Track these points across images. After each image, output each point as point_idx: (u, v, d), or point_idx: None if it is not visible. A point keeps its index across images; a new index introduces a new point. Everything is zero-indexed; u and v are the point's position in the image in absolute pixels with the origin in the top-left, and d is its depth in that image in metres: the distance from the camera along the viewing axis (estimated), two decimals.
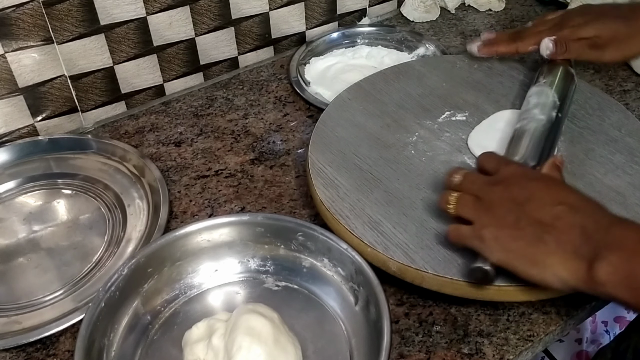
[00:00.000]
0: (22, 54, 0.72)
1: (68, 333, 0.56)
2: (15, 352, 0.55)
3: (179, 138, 0.78)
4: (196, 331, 0.52)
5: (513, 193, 0.47)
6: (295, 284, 0.58)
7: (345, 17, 0.97)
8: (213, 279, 0.59)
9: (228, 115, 0.82)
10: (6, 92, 0.73)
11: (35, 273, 0.63)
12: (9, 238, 0.67)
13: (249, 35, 0.89)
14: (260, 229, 0.58)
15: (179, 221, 0.67)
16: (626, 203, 0.58)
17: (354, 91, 0.74)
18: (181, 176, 0.73)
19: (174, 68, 0.85)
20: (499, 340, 0.54)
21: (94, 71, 0.78)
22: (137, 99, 0.84)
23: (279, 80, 0.88)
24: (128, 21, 0.77)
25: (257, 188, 0.70)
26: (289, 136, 0.78)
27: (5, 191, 0.72)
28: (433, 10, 1.00)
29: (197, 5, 0.81)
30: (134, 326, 0.54)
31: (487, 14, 1.01)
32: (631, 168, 0.62)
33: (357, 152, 0.65)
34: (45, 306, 0.59)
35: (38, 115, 0.77)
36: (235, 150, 0.76)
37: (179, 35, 0.82)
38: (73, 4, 0.72)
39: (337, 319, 0.55)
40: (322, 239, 0.56)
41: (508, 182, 0.48)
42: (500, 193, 0.47)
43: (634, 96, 0.80)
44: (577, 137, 0.66)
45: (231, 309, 0.54)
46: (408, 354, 0.53)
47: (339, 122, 0.69)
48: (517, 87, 0.74)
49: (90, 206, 0.69)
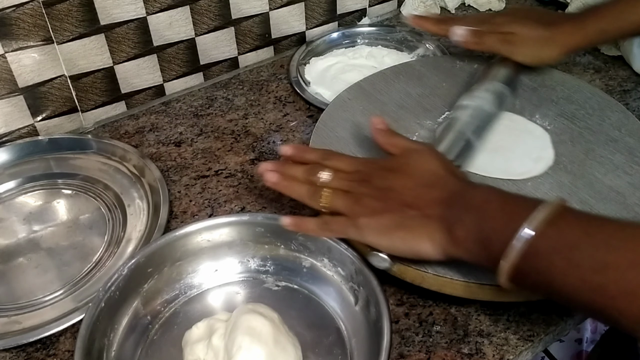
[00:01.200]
0: (22, 54, 0.72)
1: (68, 333, 0.56)
2: (15, 352, 0.55)
3: (179, 138, 0.78)
4: (196, 331, 0.52)
5: (376, 184, 0.52)
6: (295, 284, 0.58)
7: (345, 17, 0.97)
8: (213, 279, 0.59)
9: (228, 115, 0.82)
10: (6, 92, 0.73)
11: (35, 273, 0.63)
12: (9, 238, 0.67)
13: (249, 35, 0.89)
14: (260, 229, 0.58)
15: (179, 221, 0.67)
16: (626, 203, 0.58)
17: (354, 91, 0.74)
18: (181, 176, 0.73)
19: (174, 68, 0.85)
20: (499, 340, 0.54)
21: (94, 71, 0.78)
22: (137, 99, 0.84)
23: (279, 80, 0.88)
24: (128, 21, 0.77)
25: (257, 188, 0.70)
26: (289, 136, 0.78)
27: (5, 191, 0.72)
28: (433, 10, 1.00)
29: (197, 5, 0.81)
30: (134, 326, 0.54)
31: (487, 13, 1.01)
32: (631, 168, 0.62)
33: (357, 152, 0.65)
34: (45, 306, 0.59)
35: (38, 115, 0.77)
36: (235, 150, 0.76)
37: (179, 35, 0.82)
38: (73, 4, 0.72)
39: (337, 319, 0.55)
40: (322, 239, 0.56)
41: (368, 175, 0.54)
42: (366, 186, 0.53)
43: (634, 96, 0.80)
44: (577, 137, 0.66)
45: (231, 309, 0.54)
46: (408, 354, 0.53)
47: (339, 122, 0.69)
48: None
49: (90, 206, 0.69)
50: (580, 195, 0.59)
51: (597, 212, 0.57)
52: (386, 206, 0.51)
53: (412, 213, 0.50)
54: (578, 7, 0.93)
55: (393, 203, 0.51)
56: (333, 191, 0.54)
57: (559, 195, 0.57)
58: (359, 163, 0.56)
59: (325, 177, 0.55)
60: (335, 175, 0.55)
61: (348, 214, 0.52)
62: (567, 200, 0.45)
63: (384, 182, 0.52)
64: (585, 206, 0.58)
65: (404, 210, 0.50)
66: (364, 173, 0.54)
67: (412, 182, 0.51)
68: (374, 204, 0.51)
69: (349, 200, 0.53)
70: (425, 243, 0.49)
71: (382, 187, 0.52)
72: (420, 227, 0.49)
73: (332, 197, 0.54)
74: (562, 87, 0.73)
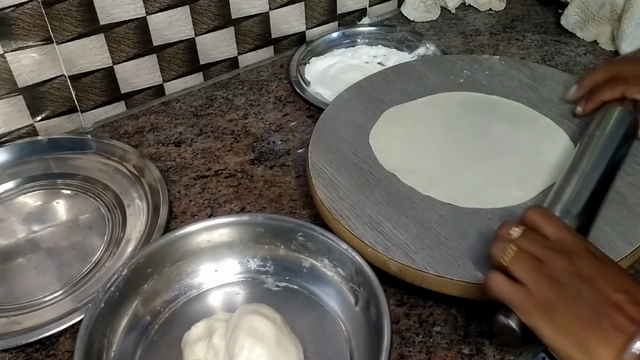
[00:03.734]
0: (22, 54, 0.72)
1: (68, 333, 0.56)
2: (14, 353, 0.55)
3: (178, 138, 0.78)
4: (195, 331, 0.52)
5: (578, 267, 0.44)
6: (296, 284, 0.58)
7: (345, 17, 0.97)
8: (213, 280, 0.59)
9: (228, 115, 0.81)
10: (5, 92, 0.73)
11: (35, 273, 0.62)
12: (9, 238, 0.66)
13: (249, 35, 0.89)
14: (260, 229, 0.58)
15: (179, 221, 0.67)
16: (627, 203, 0.58)
17: (354, 91, 0.74)
18: (181, 176, 0.72)
19: (173, 68, 0.85)
20: (500, 341, 0.53)
21: (93, 71, 0.78)
22: (136, 99, 0.84)
23: (279, 80, 0.87)
24: (128, 21, 0.77)
25: (257, 188, 0.70)
26: (289, 136, 0.77)
27: (5, 191, 0.72)
28: (433, 9, 1.00)
29: (196, 5, 0.81)
30: (133, 327, 0.54)
31: (488, 13, 1.01)
32: (632, 168, 0.61)
33: (357, 152, 0.65)
34: (45, 306, 0.59)
35: (37, 115, 0.77)
36: (235, 150, 0.76)
37: (179, 35, 0.82)
38: (72, 4, 0.72)
39: (338, 320, 0.55)
40: (322, 239, 0.56)
41: (573, 253, 0.45)
42: (565, 264, 0.44)
43: None
44: (578, 137, 0.66)
45: (231, 309, 0.54)
46: (408, 355, 0.53)
47: (339, 122, 0.69)
48: (517, 87, 0.74)
49: (89, 206, 0.69)
50: None
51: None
52: (576, 298, 0.42)
53: (603, 321, 0.41)
54: (578, 6, 0.93)
55: (586, 298, 0.42)
56: (521, 252, 0.46)
57: None
58: (567, 234, 0.47)
59: (517, 232, 0.47)
60: (527, 235, 0.47)
61: (527, 284, 0.44)
62: None
63: (588, 268, 0.43)
64: None
65: (596, 311, 0.41)
66: (567, 246, 0.46)
67: (616, 283, 0.42)
68: (565, 290, 0.43)
69: (535, 269, 0.44)
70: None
71: (583, 272, 0.43)
72: (604, 344, 0.40)
73: (516, 256, 0.45)
74: (563, 87, 0.73)
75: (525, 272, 0.45)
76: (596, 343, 0.40)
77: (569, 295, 0.43)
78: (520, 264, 0.45)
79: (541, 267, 0.44)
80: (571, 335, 0.41)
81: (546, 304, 0.43)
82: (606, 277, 0.43)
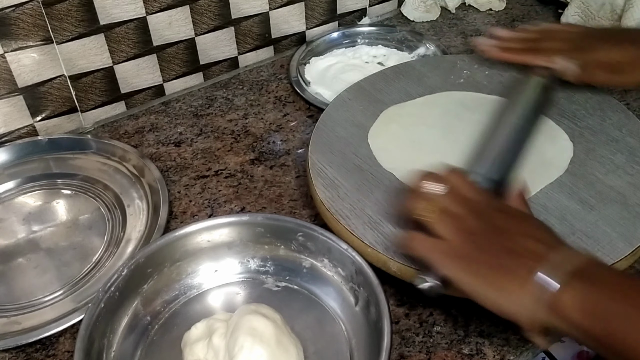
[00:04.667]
0: (22, 54, 0.72)
1: (67, 333, 0.56)
2: (14, 353, 0.55)
3: (178, 138, 0.78)
4: (195, 331, 0.52)
5: (492, 222, 0.49)
6: (296, 284, 0.58)
7: (345, 17, 0.97)
8: (213, 280, 0.59)
9: (228, 115, 0.81)
10: (5, 92, 0.73)
11: (35, 273, 0.62)
12: (9, 238, 0.66)
13: (249, 35, 0.89)
14: (260, 229, 0.58)
15: (179, 221, 0.67)
16: (627, 203, 0.58)
17: (354, 91, 0.74)
18: (181, 176, 0.72)
19: (173, 68, 0.85)
20: (500, 341, 0.54)
21: (93, 71, 0.78)
22: (136, 99, 0.84)
23: (279, 80, 0.87)
24: (128, 21, 0.77)
25: (257, 188, 0.70)
26: (289, 136, 0.77)
27: (5, 191, 0.72)
28: (433, 9, 1.00)
29: (196, 5, 0.81)
30: (133, 327, 0.54)
31: (488, 13, 1.01)
32: (632, 168, 0.61)
33: (357, 152, 0.65)
34: (45, 306, 0.59)
35: (37, 115, 0.77)
36: (235, 150, 0.76)
37: (179, 35, 0.82)
38: (73, 4, 0.72)
39: (338, 320, 0.55)
40: (322, 239, 0.56)
41: (488, 211, 0.50)
42: (481, 221, 0.49)
43: (635, 96, 0.80)
44: (578, 137, 0.66)
45: (231, 309, 0.54)
46: (408, 355, 0.53)
47: (339, 122, 0.69)
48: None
49: (89, 206, 0.69)
50: (580, 195, 0.59)
51: (597, 212, 0.57)
52: (489, 250, 0.47)
53: (513, 264, 0.45)
54: (578, 6, 0.93)
55: (499, 248, 0.47)
56: (445, 210, 0.50)
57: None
58: (483, 196, 0.52)
59: (441, 190, 0.51)
60: (451, 195, 0.51)
61: (448, 239, 0.48)
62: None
63: (501, 222, 0.49)
64: (586, 206, 0.58)
65: (507, 257, 0.46)
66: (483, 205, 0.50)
67: (523, 231, 0.48)
68: (482, 244, 0.47)
69: (456, 226, 0.49)
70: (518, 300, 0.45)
71: (497, 225, 0.48)
72: (518, 279, 0.45)
73: (440, 214, 0.49)
74: (563, 87, 0.73)
75: (446, 228, 0.49)
76: (506, 280, 0.45)
77: (483, 245, 0.47)
78: (442, 222, 0.49)
79: (461, 224, 0.49)
80: (485, 277, 0.46)
81: (464, 255, 0.47)
82: (516, 228, 0.48)
